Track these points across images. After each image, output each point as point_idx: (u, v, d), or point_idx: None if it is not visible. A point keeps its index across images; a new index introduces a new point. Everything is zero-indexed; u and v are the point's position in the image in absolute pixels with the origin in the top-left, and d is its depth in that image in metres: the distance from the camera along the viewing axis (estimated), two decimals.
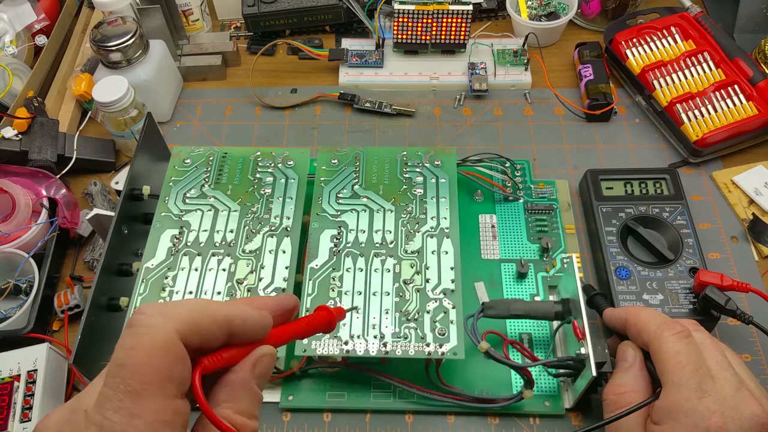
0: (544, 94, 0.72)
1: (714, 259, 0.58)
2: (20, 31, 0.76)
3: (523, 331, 0.53)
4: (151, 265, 0.51)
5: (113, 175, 0.67)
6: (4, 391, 0.49)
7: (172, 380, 0.23)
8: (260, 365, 0.26)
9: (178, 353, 0.23)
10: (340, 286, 0.49)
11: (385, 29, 0.76)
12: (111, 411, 0.22)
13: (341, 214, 0.54)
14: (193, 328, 0.24)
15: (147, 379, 0.22)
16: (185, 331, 0.24)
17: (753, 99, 0.63)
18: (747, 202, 0.61)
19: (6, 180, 0.59)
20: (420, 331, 0.47)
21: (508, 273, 0.56)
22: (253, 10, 0.76)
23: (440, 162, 0.57)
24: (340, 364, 0.50)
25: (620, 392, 0.43)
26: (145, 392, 0.22)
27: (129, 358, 0.22)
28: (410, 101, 0.72)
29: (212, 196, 0.55)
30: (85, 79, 0.68)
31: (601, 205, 0.58)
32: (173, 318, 0.24)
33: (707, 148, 0.63)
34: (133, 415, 0.22)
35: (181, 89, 0.75)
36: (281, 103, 0.73)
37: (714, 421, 0.38)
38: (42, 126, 0.65)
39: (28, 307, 0.54)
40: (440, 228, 0.52)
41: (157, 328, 0.23)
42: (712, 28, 0.68)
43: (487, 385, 0.50)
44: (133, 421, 0.22)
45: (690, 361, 0.40)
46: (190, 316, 0.24)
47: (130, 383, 0.22)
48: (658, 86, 0.66)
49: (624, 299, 0.52)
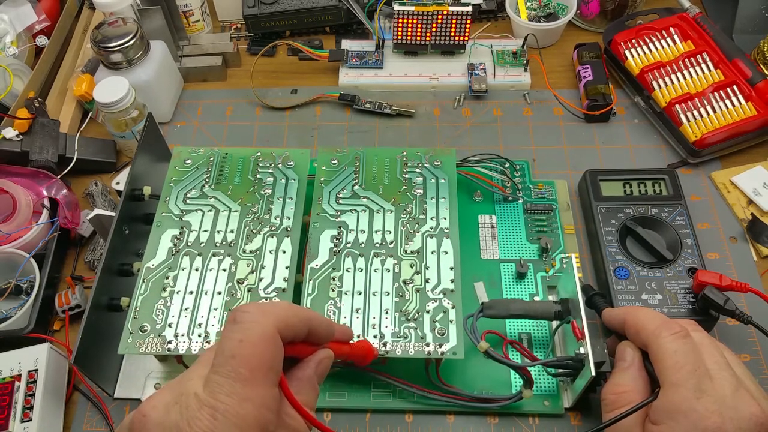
0: (543, 95, 0.72)
1: (713, 260, 0.58)
2: (21, 32, 0.76)
3: (523, 330, 0.53)
4: (152, 265, 0.51)
5: (114, 175, 0.68)
6: (5, 391, 0.49)
7: (274, 369, 0.26)
8: (322, 365, 0.31)
9: (278, 345, 0.26)
10: (340, 286, 0.50)
11: (384, 30, 0.77)
12: (224, 395, 0.24)
13: (341, 214, 0.54)
14: (287, 325, 0.27)
15: (255, 367, 0.25)
16: (281, 327, 0.27)
17: (752, 99, 0.64)
18: (746, 202, 0.61)
19: (7, 180, 0.60)
20: (420, 331, 0.47)
21: (508, 273, 0.56)
22: (253, 11, 0.76)
23: (440, 162, 0.57)
24: (340, 364, 0.50)
25: (619, 392, 0.43)
26: (254, 379, 0.25)
27: (239, 349, 0.25)
28: (410, 102, 0.72)
29: (213, 197, 0.55)
30: (86, 80, 0.68)
31: (600, 205, 0.58)
32: (271, 315, 0.27)
33: (706, 148, 0.63)
34: (244, 399, 0.24)
35: (181, 90, 0.76)
36: (281, 104, 0.73)
37: (712, 422, 0.38)
38: (43, 126, 0.65)
39: (29, 307, 0.54)
40: (440, 228, 0.53)
41: (261, 323, 0.26)
42: (711, 28, 0.68)
43: (486, 385, 0.50)
44: (244, 404, 0.24)
45: (688, 362, 0.40)
46: (285, 314, 0.27)
47: (241, 371, 0.25)
48: (657, 87, 0.66)
49: (623, 299, 0.52)
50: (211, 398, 0.24)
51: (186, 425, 0.24)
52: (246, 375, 0.25)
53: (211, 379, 0.25)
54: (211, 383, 0.25)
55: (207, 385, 0.25)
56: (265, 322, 0.26)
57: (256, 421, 0.25)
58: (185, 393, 0.25)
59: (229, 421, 0.24)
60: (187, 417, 0.24)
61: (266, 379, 0.25)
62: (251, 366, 0.25)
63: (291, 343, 0.29)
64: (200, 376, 0.25)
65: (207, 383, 0.25)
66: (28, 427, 0.47)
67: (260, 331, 0.26)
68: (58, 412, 0.51)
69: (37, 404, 0.48)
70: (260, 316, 0.26)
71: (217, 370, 0.25)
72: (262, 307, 0.27)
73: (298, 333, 0.28)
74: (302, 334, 0.29)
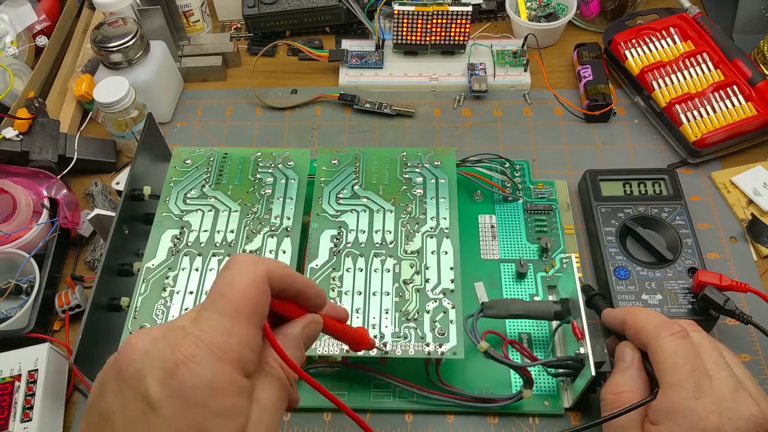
0: (543, 95, 0.72)
1: (713, 260, 0.58)
2: (21, 32, 0.76)
3: (523, 330, 0.53)
4: (152, 265, 0.51)
5: (114, 175, 0.68)
6: (5, 391, 0.49)
7: (259, 313, 0.28)
8: (309, 328, 0.32)
9: (265, 292, 0.28)
10: (340, 286, 0.50)
11: (384, 30, 0.77)
12: (209, 328, 0.26)
13: (341, 214, 0.54)
14: (276, 276, 0.29)
15: (241, 307, 0.27)
16: (271, 277, 0.29)
17: (752, 99, 0.64)
18: (746, 202, 0.61)
19: (7, 180, 0.60)
20: (420, 331, 0.47)
21: (508, 273, 0.56)
22: (253, 11, 0.76)
23: (440, 162, 0.57)
24: (340, 364, 0.50)
25: (618, 392, 0.43)
26: (239, 318, 0.27)
27: (228, 290, 0.27)
28: (410, 102, 0.72)
29: (213, 197, 0.56)
30: (86, 80, 0.68)
31: (600, 205, 0.58)
32: (262, 264, 0.28)
33: (706, 148, 0.63)
34: (228, 333, 0.26)
35: (181, 90, 0.76)
36: (281, 104, 0.73)
37: (711, 422, 0.38)
38: (43, 126, 0.65)
39: (29, 307, 0.54)
40: (440, 228, 0.53)
41: (252, 269, 0.28)
42: (711, 29, 0.68)
43: (486, 385, 0.50)
44: (227, 337, 0.26)
45: (687, 362, 0.40)
46: (276, 267, 0.29)
47: (228, 309, 0.27)
48: (657, 87, 0.66)
49: (623, 299, 0.52)
50: (196, 329, 0.26)
51: (169, 352, 0.25)
52: (232, 312, 0.27)
53: (199, 314, 0.27)
54: (199, 318, 0.26)
55: (195, 320, 0.27)
56: (255, 268, 0.28)
57: (236, 356, 0.26)
58: (174, 327, 0.27)
59: (210, 350, 0.25)
60: (172, 345, 0.25)
61: (251, 320, 0.27)
62: (238, 305, 0.27)
63: (280, 298, 0.30)
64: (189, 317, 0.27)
65: (195, 318, 0.27)
66: (28, 427, 0.47)
67: (250, 275, 0.28)
68: (58, 412, 0.51)
69: (37, 404, 0.48)
70: (252, 263, 0.28)
71: (205, 306, 0.27)
72: (255, 257, 0.29)
73: (287, 289, 0.30)
74: (291, 291, 0.30)
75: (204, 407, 0.25)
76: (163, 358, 0.25)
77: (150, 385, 0.24)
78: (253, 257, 0.29)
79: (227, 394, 0.25)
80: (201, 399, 0.25)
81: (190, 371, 0.25)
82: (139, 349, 0.26)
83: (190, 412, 0.24)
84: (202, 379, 0.25)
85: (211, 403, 0.25)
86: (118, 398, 0.25)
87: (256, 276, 0.28)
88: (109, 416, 0.25)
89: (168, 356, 0.25)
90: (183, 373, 0.25)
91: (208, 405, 0.25)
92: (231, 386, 0.26)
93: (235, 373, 0.26)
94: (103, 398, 0.26)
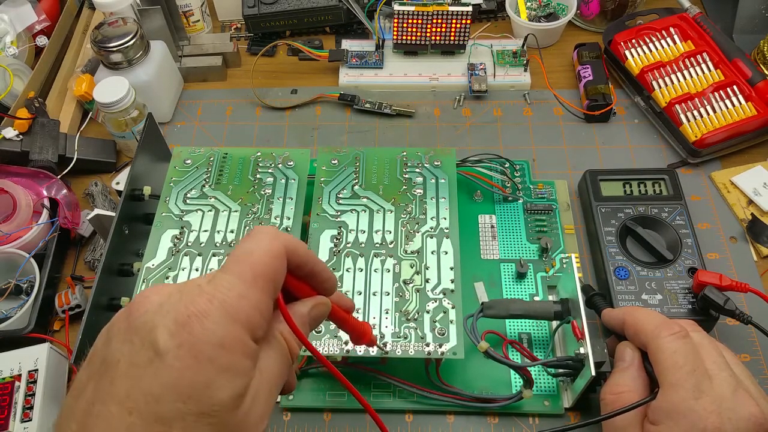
0: (543, 95, 0.72)
1: (713, 260, 0.58)
2: (21, 32, 0.76)
3: (523, 330, 0.53)
4: (152, 265, 0.51)
5: (114, 175, 0.68)
6: (5, 391, 0.49)
7: (273, 282, 0.28)
8: (317, 309, 0.32)
9: (282, 263, 0.29)
10: (340, 286, 0.50)
11: (384, 30, 0.77)
12: (225, 288, 0.26)
13: (341, 214, 0.54)
14: (293, 251, 0.30)
15: (258, 274, 0.27)
16: (289, 251, 0.29)
17: (752, 99, 0.64)
18: (746, 202, 0.61)
19: (7, 180, 0.60)
20: (420, 331, 0.47)
21: (508, 273, 0.56)
22: (253, 11, 0.76)
23: (440, 162, 0.57)
24: (340, 364, 0.50)
25: (618, 392, 0.43)
26: (254, 284, 0.27)
27: (247, 256, 0.28)
28: (410, 102, 0.72)
29: (213, 197, 0.56)
30: (86, 80, 0.68)
31: (600, 205, 0.58)
32: (282, 238, 0.29)
33: (706, 148, 0.63)
34: (241, 296, 0.26)
35: (181, 90, 0.76)
36: (281, 104, 0.73)
37: (711, 422, 0.38)
38: (43, 126, 0.65)
39: (29, 307, 0.54)
40: (440, 228, 0.53)
41: (272, 240, 0.29)
42: (711, 29, 0.68)
43: (486, 385, 0.50)
44: (240, 299, 0.26)
45: (687, 362, 0.40)
46: (294, 242, 0.30)
47: (245, 273, 0.27)
48: (657, 87, 0.66)
49: (623, 299, 0.52)
50: (212, 288, 0.26)
51: (183, 306, 0.25)
52: (248, 278, 0.27)
53: (215, 275, 0.27)
54: (215, 278, 0.27)
55: (212, 280, 0.27)
56: (275, 240, 0.29)
57: (246, 318, 0.26)
58: (190, 285, 0.27)
59: (223, 308, 0.26)
60: (186, 300, 0.26)
61: (265, 288, 0.28)
62: (255, 271, 0.27)
63: (293, 275, 0.31)
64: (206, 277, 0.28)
65: (212, 279, 0.27)
66: (28, 427, 0.47)
67: (270, 245, 0.28)
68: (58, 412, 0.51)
69: (37, 404, 0.48)
70: (273, 234, 0.29)
71: (224, 269, 0.28)
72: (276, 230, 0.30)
73: (301, 265, 0.31)
74: (305, 269, 0.31)
75: (211, 362, 0.25)
76: (177, 310, 0.25)
77: (160, 334, 0.25)
78: (274, 229, 0.30)
79: (235, 352, 0.26)
80: (209, 353, 0.25)
81: (201, 325, 0.25)
82: (153, 301, 0.26)
83: (196, 364, 0.25)
84: (212, 334, 0.25)
85: (218, 359, 0.25)
86: (125, 346, 0.25)
87: (275, 246, 0.29)
88: (113, 362, 0.25)
89: (181, 309, 0.25)
90: (194, 325, 0.25)
91: (216, 360, 0.25)
92: (239, 346, 0.26)
93: (244, 334, 0.26)
94: (109, 345, 0.26)
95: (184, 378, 0.24)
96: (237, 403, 0.26)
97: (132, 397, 0.24)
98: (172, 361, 0.24)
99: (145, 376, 0.24)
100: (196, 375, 0.25)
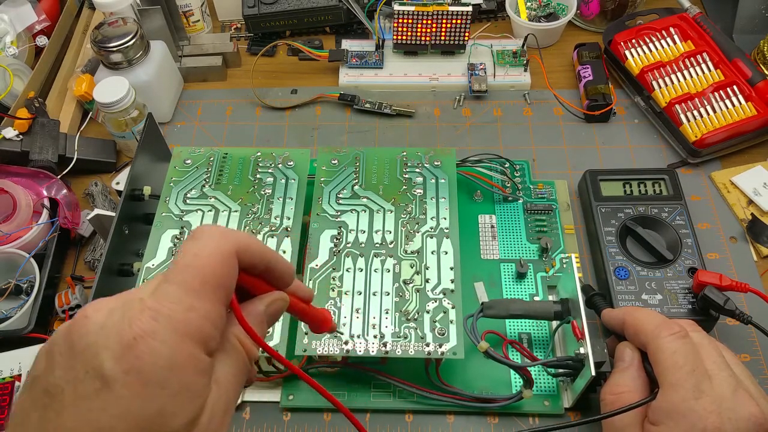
0: (543, 95, 0.72)
1: (713, 260, 0.58)
2: (21, 32, 0.76)
3: (523, 330, 0.53)
4: (152, 265, 0.51)
5: (114, 175, 0.68)
6: (5, 391, 0.49)
7: (224, 288, 0.26)
8: (275, 305, 0.30)
9: (233, 266, 0.27)
10: (340, 286, 0.50)
11: (384, 30, 0.77)
12: (169, 301, 0.24)
13: (341, 214, 0.54)
14: (246, 250, 0.27)
15: (207, 281, 0.25)
16: (239, 250, 0.27)
17: (752, 99, 0.64)
18: (746, 202, 0.61)
19: (7, 180, 0.60)
20: (420, 331, 0.47)
21: (508, 273, 0.56)
22: (253, 11, 0.76)
23: (440, 162, 0.57)
24: (340, 364, 0.50)
25: (618, 392, 0.43)
26: (203, 292, 0.25)
27: (193, 261, 0.25)
28: (410, 102, 0.72)
29: (213, 197, 0.56)
30: (86, 80, 0.68)
31: (600, 205, 0.58)
32: (231, 237, 0.27)
33: (706, 148, 0.63)
34: (189, 308, 0.24)
35: (181, 90, 0.76)
36: (281, 104, 0.73)
37: (711, 422, 0.38)
38: (43, 126, 0.65)
39: (29, 307, 0.54)
40: (440, 228, 0.53)
41: (219, 241, 0.26)
42: (711, 28, 0.68)
43: (486, 385, 0.50)
44: (188, 312, 0.24)
45: (687, 362, 0.40)
46: (245, 240, 0.27)
47: (191, 282, 0.25)
48: (657, 87, 0.66)
49: (623, 299, 0.52)
50: (156, 303, 0.24)
51: (126, 325, 0.23)
52: (196, 286, 0.25)
53: (159, 288, 0.25)
54: (159, 290, 0.25)
55: (154, 292, 0.25)
56: (223, 241, 0.26)
57: (197, 331, 0.24)
58: (131, 299, 0.25)
59: (170, 324, 0.24)
60: (129, 318, 0.24)
61: (215, 295, 0.25)
62: (203, 278, 0.25)
63: (247, 273, 0.29)
64: (149, 288, 0.26)
65: (155, 290, 0.25)
66: None
67: (217, 247, 0.26)
68: None
69: None
70: (219, 235, 0.27)
71: (167, 278, 0.25)
72: (223, 229, 0.27)
73: (256, 263, 0.28)
74: (260, 266, 0.29)
75: (162, 387, 0.23)
76: (120, 331, 0.23)
77: (105, 360, 0.23)
78: (221, 228, 0.27)
79: (187, 372, 0.24)
80: (159, 377, 0.23)
81: (148, 346, 0.23)
82: (95, 321, 0.24)
83: (147, 390, 0.23)
84: (161, 356, 0.23)
85: (169, 383, 0.23)
86: (68, 373, 0.23)
87: (223, 248, 0.26)
88: (57, 393, 0.23)
89: (125, 329, 0.23)
90: (141, 348, 0.23)
91: (167, 385, 0.23)
92: (191, 364, 0.24)
93: (196, 350, 0.24)
94: (51, 372, 0.24)
95: (134, 408, 0.23)
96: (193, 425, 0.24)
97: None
98: (120, 390, 0.22)
99: (93, 409, 0.23)
100: (148, 403, 0.23)
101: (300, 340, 0.47)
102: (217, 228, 0.27)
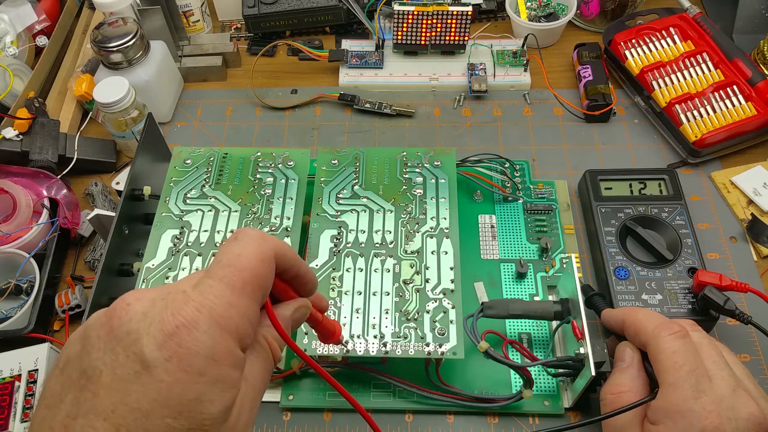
0: (543, 95, 0.72)
1: (713, 260, 0.58)
2: (21, 32, 0.76)
3: (523, 330, 0.53)
4: (152, 265, 0.51)
5: (114, 175, 0.68)
6: (5, 391, 0.49)
7: (262, 289, 0.27)
8: (299, 312, 0.31)
9: (271, 268, 0.28)
10: (340, 286, 0.50)
11: (384, 30, 0.77)
12: (212, 295, 0.25)
13: (341, 214, 0.54)
14: (282, 255, 0.29)
15: (247, 280, 0.26)
16: (277, 254, 0.28)
17: (752, 99, 0.64)
18: (746, 202, 0.61)
19: (7, 180, 0.60)
20: (420, 331, 0.47)
21: (508, 273, 0.56)
22: (253, 11, 0.76)
23: (440, 162, 0.57)
24: (340, 364, 0.50)
25: (618, 392, 0.43)
26: (243, 291, 0.26)
27: (236, 261, 0.27)
28: (410, 102, 0.72)
29: (213, 197, 0.56)
30: (86, 80, 0.68)
31: (600, 205, 0.58)
32: (270, 241, 0.28)
33: (706, 148, 0.63)
34: (230, 304, 0.25)
35: (181, 90, 0.76)
36: (281, 104, 0.73)
37: (711, 422, 0.38)
38: (43, 126, 0.65)
39: (29, 307, 0.54)
40: (440, 228, 0.53)
41: (260, 244, 0.28)
42: (711, 29, 0.68)
43: (486, 385, 0.50)
44: (229, 308, 0.25)
45: (687, 362, 0.40)
46: (282, 246, 0.29)
47: (234, 280, 0.26)
48: (657, 87, 0.66)
49: (623, 299, 0.52)
50: (200, 295, 0.25)
51: (170, 315, 0.24)
52: (237, 284, 0.26)
53: (202, 282, 0.26)
54: (203, 284, 0.26)
55: (198, 285, 0.26)
56: (264, 244, 0.28)
57: (236, 328, 0.25)
58: (174, 291, 0.26)
59: (212, 318, 0.25)
60: (172, 308, 0.24)
61: (254, 295, 0.27)
62: (244, 278, 0.26)
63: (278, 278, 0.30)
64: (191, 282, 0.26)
65: (198, 284, 0.26)
66: (28, 427, 0.47)
67: (259, 249, 0.27)
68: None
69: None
70: (260, 239, 0.28)
71: (210, 274, 0.26)
72: (263, 233, 0.28)
73: (288, 269, 0.30)
74: (291, 272, 0.30)
75: (201, 375, 0.24)
76: (163, 319, 0.24)
77: (146, 345, 0.23)
78: (261, 232, 0.28)
79: (225, 363, 0.25)
80: (199, 366, 0.24)
81: (190, 335, 0.24)
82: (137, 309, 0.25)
83: (187, 376, 0.24)
84: (202, 345, 0.24)
85: (209, 372, 0.24)
86: (108, 356, 0.24)
87: (264, 251, 0.27)
88: (94, 374, 0.24)
89: (168, 318, 0.24)
90: (183, 336, 0.24)
91: (206, 373, 0.24)
92: (229, 357, 0.25)
93: (233, 345, 0.25)
94: (87, 354, 0.24)
95: (174, 393, 0.23)
96: (226, 416, 0.25)
97: (118, 413, 0.23)
98: (161, 374, 0.23)
99: (132, 391, 0.23)
100: (187, 389, 0.24)
101: (300, 340, 0.47)
102: (258, 231, 0.29)
